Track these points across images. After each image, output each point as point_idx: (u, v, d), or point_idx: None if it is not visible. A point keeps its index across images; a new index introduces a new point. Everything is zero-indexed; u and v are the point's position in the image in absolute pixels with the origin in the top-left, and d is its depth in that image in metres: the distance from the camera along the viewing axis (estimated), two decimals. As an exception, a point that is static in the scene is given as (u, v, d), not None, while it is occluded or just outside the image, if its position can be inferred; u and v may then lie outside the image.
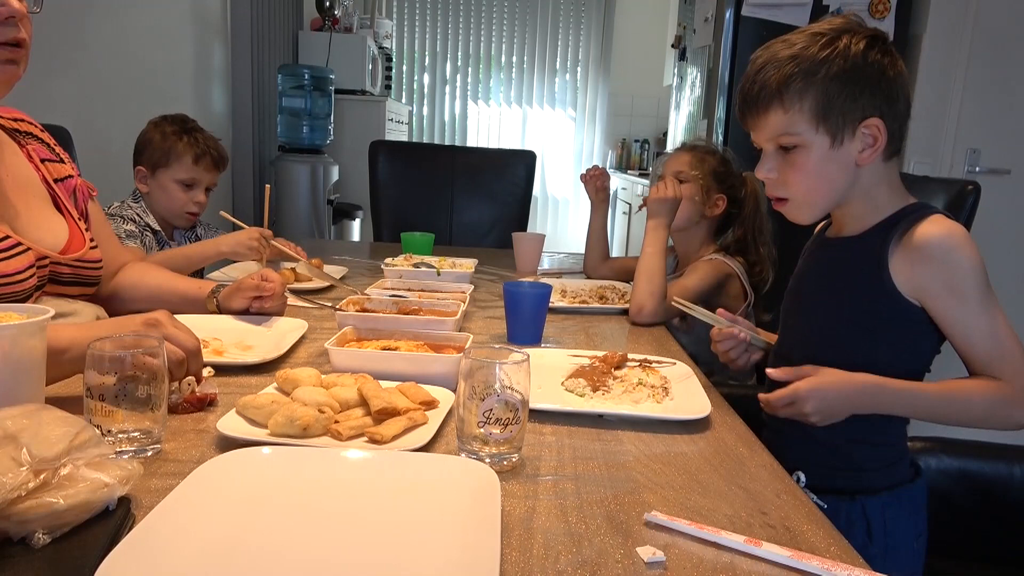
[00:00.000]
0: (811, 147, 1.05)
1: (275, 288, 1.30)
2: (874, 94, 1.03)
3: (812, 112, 1.04)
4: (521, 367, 0.81)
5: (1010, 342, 1.02)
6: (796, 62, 1.04)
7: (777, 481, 0.83)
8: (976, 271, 1.01)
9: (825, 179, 1.07)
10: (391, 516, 0.67)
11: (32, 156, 1.21)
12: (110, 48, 2.55)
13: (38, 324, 0.76)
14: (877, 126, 1.03)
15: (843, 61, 1.03)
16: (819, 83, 1.03)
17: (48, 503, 0.59)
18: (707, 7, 2.90)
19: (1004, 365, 1.01)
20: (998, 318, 1.02)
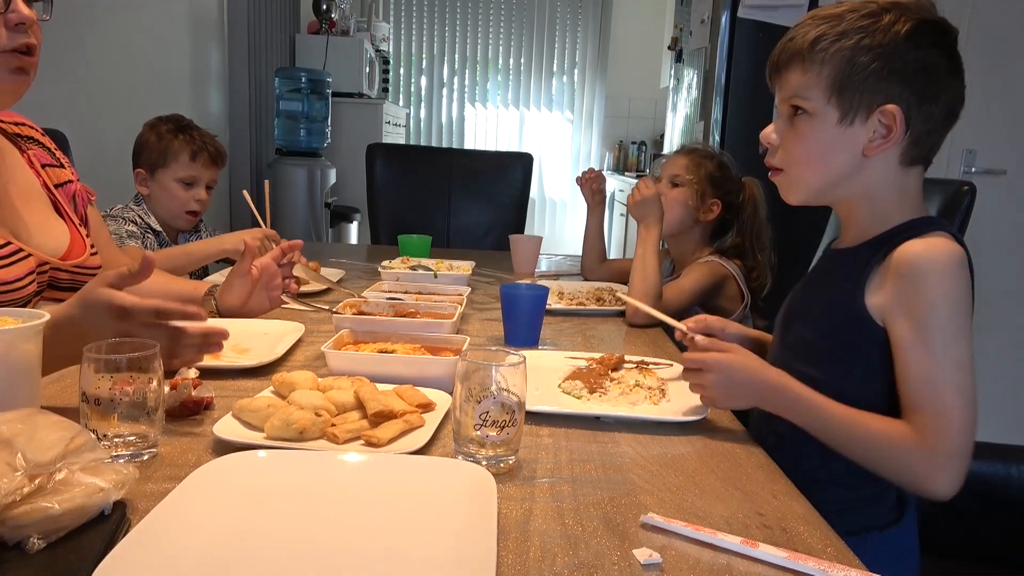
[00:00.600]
0: (817, 117, 0.96)
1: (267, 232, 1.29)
2: (904, 82, 0.93)
3: (830, 79, 0.94)
4: (517, 369, 0.81)
5: (949, 396, 0.87)
6: (831, 23, 0.94)
7: (773, 482, 0.83)
8: (948, 304, 0.89)
9: (822, 156, 0.97)
10: (387, 519, 0.67)
11: (33, 161, 1.21)
12: (107, 51, 2.55)
13: (34, 328, 0.76)
14: (895, 115, 0.93)
15: (881, 36, 0.92)
16: (846, 51, 0.93)
17: (43, 508, 0.59)
18: (703, 9, 2.90)
19: (927, 416, 0.87)
20: (948, 366, 0.88)
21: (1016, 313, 2.82)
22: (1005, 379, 2.86)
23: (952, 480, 0.87)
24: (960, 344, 0.88)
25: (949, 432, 0.86)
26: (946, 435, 0.87)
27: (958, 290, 0.89)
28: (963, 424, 0.87)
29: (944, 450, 0.86)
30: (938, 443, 0.87)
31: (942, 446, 0.86)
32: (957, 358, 0.88)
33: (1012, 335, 2.85)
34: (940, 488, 0.87)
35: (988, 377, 2.72)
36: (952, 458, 0.87)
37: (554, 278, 2.01)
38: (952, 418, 0.87)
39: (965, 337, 0.89)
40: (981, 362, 0.93)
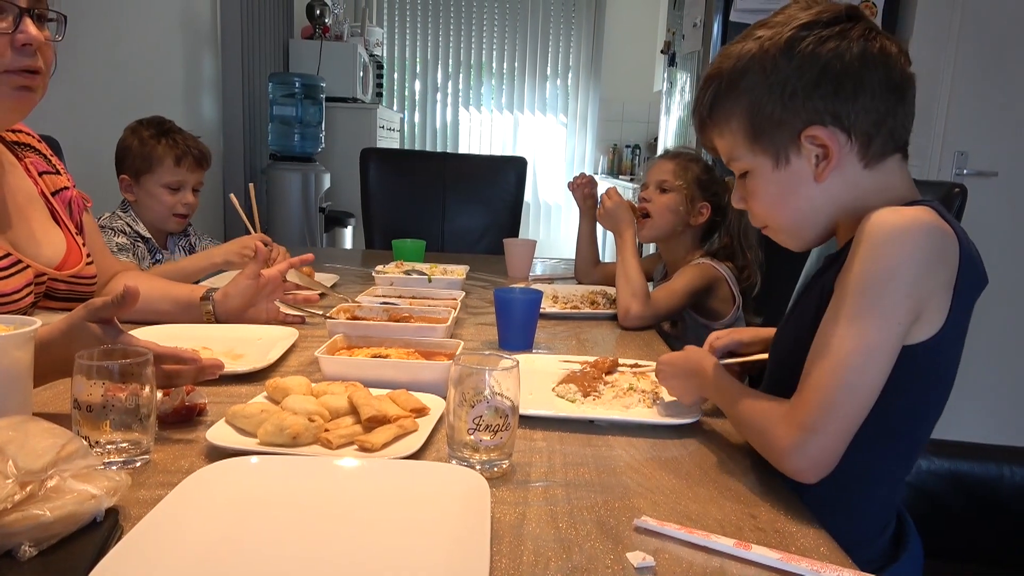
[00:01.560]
0: (756, 172, 0.91)
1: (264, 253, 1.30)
2: (811, 96, 0.84)
3: (743, 132, 0.89)
4: (511, 373, 0.82)
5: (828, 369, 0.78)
6: (720, 76, 0.89)
7: (766, 484, 0.83)
8: (880, 274, 0.78)
9: (781, 203, 0.91)
10: (381, 524, 0.67)
11: (31, 169, 1.20)
12: (99, 57, 2.55)
13: (25, 336, 0.76)
14: (822, 136, 0.85)
15: (763, 63, 0.85)
16: (743, 97, 0.87)
17: (35, 515, 0.58)
18: (695, 13, 2.91)
19: (803, 384, 0.81)
20: (848, 340, 0.78)
21: (1007, 315, 2.84)
22: (995, 380, 2.87)
23: (806, 458, 0.78)
24: (873, 321, 0.78)
25: (814, 404, 0.78)
26: (808, 407, 0.78)
27: (901, 261, 0.78)
28: (834, 402, 0.77)
29: (799, 421, 0.78)
30: (799, 413, 0.79)
31: (804, 418, 0.78)
32: (862, 333, 0.77)
33: (1002, 337, 2.86)
34: (793, 463, 0.79)
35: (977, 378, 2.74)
36: (807, 433, 0.77)
37: (548, 282, 2.01)
38: (821, 392, 0.78)
39: (886, 316, 0.78)
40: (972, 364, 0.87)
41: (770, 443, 0.82)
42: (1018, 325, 2.87)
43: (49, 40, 1.04)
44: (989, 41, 2.80)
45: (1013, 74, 2.81)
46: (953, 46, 2.80)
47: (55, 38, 1.06)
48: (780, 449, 0.80)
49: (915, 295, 0.79)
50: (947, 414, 0.92)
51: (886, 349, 0.78)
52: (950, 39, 2.79)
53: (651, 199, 1.75)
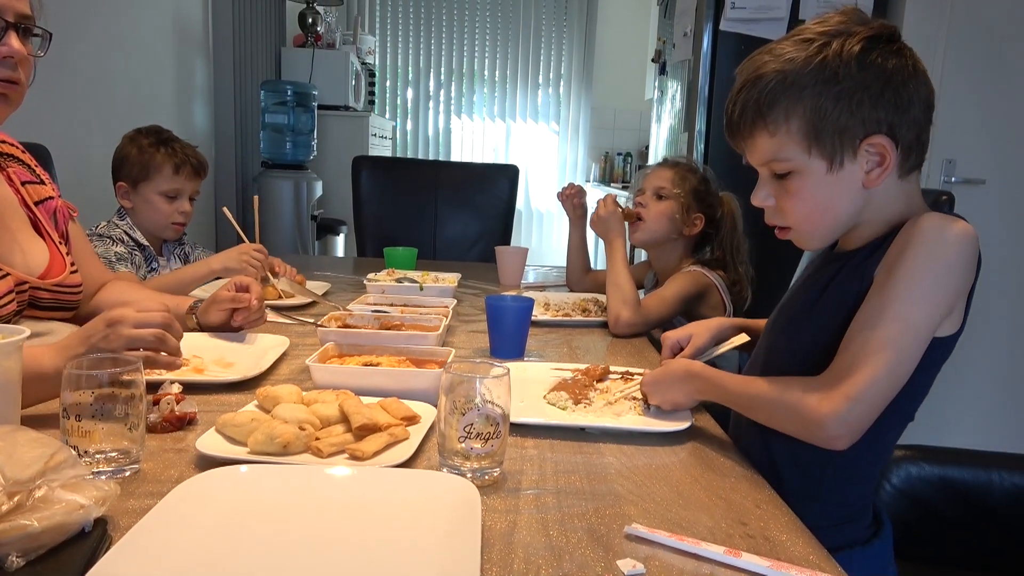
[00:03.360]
0: (806, 173, 0.93)
1: (250, 299, 1.28)
2: (876, 105, 0.89)
3: (801, 134, 0.91)
4: (501, 381, 0.82)
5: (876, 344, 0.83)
6: (779, 77, 0.91)
7: (756, 491, 0.83)
8: (932, 266, 0.85)
9: (826, 206, 0.94)
10: (372, 533, 0.67)
11: (12, 179, 1.20)
12: (91, 65, 2.54)
13: (14, 344, 0.76)
14: (883, 144, 0.90)
15: (835, 71, 0.89)
16: (807, 100, 0.90)
17: (22, 526, 0.58)
18: (686, 22, 2.93)
19: (846, 355, 0.85)
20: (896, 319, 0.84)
21: (995, 323, 2.86)
22: (983, 386, 2.89)
23: (844, 425, 0.83)
24: (919, 307, 0.84)
25: (857, 376, 0.83)
26: (853, 377, 0.83)
27: (951, 262, 0.86)
28: (877, 376, 0.83)
29: (843, 390, 0.83)
30: (841, 381, 0.83)
31: (843, 385, 0.83)
32: (909, 316, 0.84)
33: (991, 344, 2.88)
34: (828, 428, 0.83)
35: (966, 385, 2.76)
36: (848, 401, 0.82)
37: (540, 289, 2.01)
38: (867, 365, 0.83)
39: (930, 305, 0.85)
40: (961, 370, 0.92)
41: (805, 413, 0.86)
42: (1006, 333, 2.89)
43: (31, 55, 1.07)
44: (977, 49, 2.83)
45: (1001, 82, 2.84)
46: (941, 54, 2.83)
47: (37, 53, 1.08)
48: (819, 416, 0.84)
49: (955, 293, 0.88)
50: (936, 420, 0.95)
51: (926, 335, 0.86)
52: (938, 47, 2.82)
53: (647, 204, 1.76)
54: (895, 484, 1.31)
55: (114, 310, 0.96)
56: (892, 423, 0.96)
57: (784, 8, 2.67)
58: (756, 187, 0.99)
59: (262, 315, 1.34)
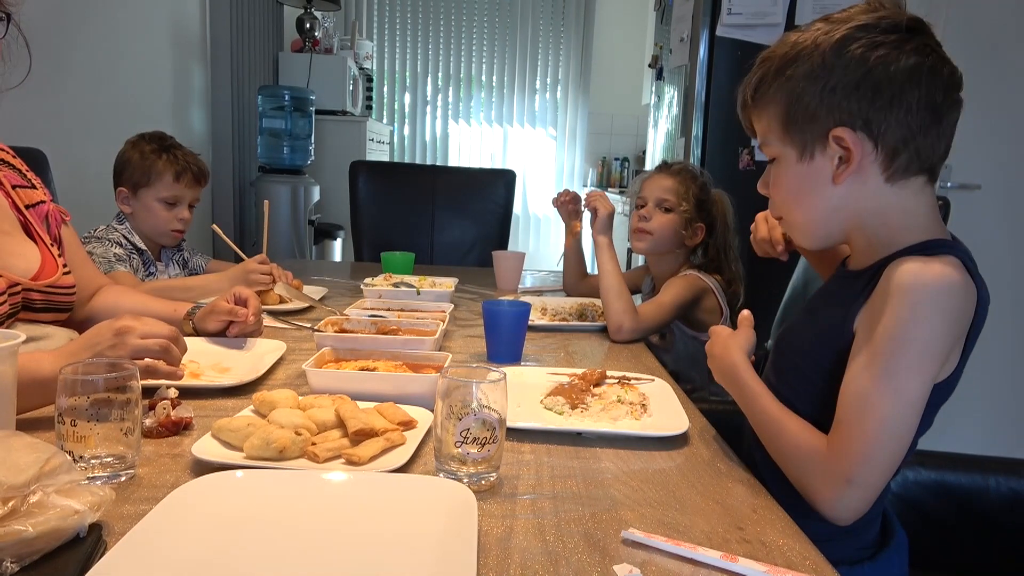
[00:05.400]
0: (782, 160, 0.92)
1: (247, 315, 1.30)
2: (849, 97, 0.85)
3: (778, 119, 0.90)
4: (498, 386, 0.82)
5: (872, 424, 0.80)
6: (771, 60, 0.90)
7: (753, 496, 0.83)
8: (915, 332, 0.80)
9: (799, 199, 0.93)
10: (368, 538, 0.67)
11: (3, 182, 1.20)
12: (88, 70, 2.54)
13: (9, 349, 0.75)
14: (847, 138, 0.86)
15: (813, 56, 0.86)
16: (785, 84, 0.88)
17: (17, 531, 0.58)
18: (682, 28, 2.94)
19: (843, 436, 0.82)
20: (888, 395, 0.80)
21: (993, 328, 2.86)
22: (981, 392, 2.89)
23: (846, 508, 0.82)
24: (911, 378, 0.80)
25: (855, 459, 0.80)
26: (852, 461, 0.81)
27: (934, 321, 0.80)
28: (875, 457, 0.80)
29: (844, 474, 0.81)
30: (841, 466, 0.81)
31: (844, 470, 0.81)
32: (902, 391, 0.80)
33: (989, 350, 2.88)
34: (832, 511, 0.83)
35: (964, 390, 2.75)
36: (851, 486, 0.81)
37: (537, 294, 2.01)
38: (864, 447, 0.80)
39: (921, 373, 0.81)
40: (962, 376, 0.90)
41: (808, 486, 0.85)
42: (1004, 338, 2.90)
43: None
44: (971, 54, 2.84)
45: (995, 87, 2.85)
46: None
47: None
48: (821, 497, 0.83)
49: (947, 349, 0.83)
50: (935, 426, 0.93)
51: (921, 400, 0.82)
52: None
53: (651, 217, 1.75)
54: (892, 489, 1.30)
55: (122, 319, 0.97)
56: None
57: (780, 14, 2.68)
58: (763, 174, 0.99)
59: (259, 327, 1.34)
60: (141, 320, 0.99)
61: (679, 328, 1.71)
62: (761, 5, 2.69)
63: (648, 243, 1.76)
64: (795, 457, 0.87)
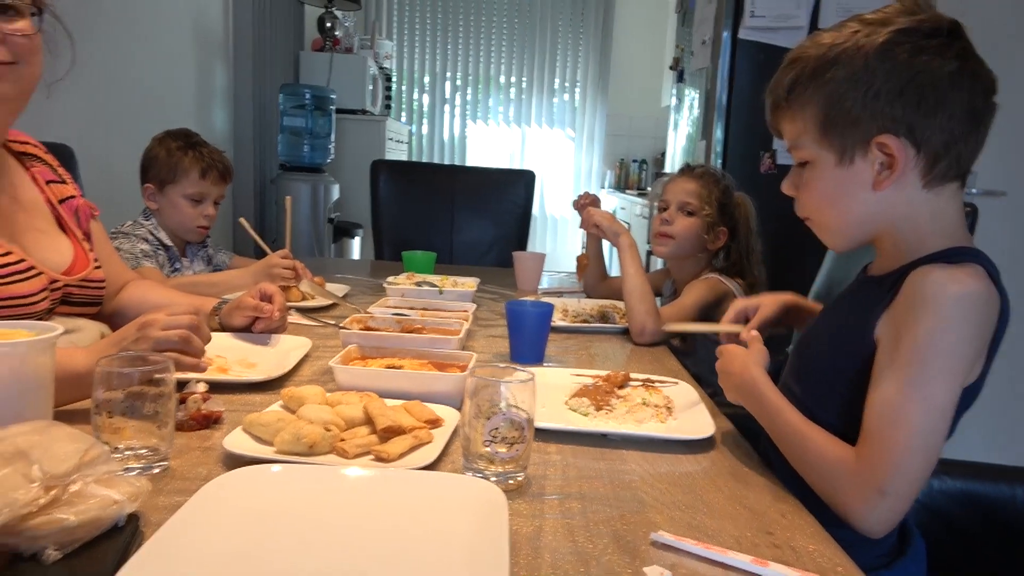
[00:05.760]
0: (817, 163, 0.91)
1: (272, 311, 1.31)
2: (893, 103, 0.84)
3: (815, 122, 0.89)
4: (527, 386, 0.82)
5: (903, 433, 0.79)
6: (805, 61, 0.89)
7: (781, 501, 0.83)
8: (942, 340, 0.80)
9: (834, 202, 0.92)
10: (400, 535, 0.67)
11: (37, 178, 1.22)
12: (113, 67, 2.57)
13: (48, 341, 0.77)
14: (892, 145, 0.85)
15: (854, 59, 0.85)
16: (824, 87, 0.87)
17: (59, 519, 0.59)
18: (705, 30, 2.93)
19: (873, 446, 0.81)
20: (917, 404, 0.79)
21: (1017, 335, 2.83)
22: (1006, 400, 2.86)
23: (878, 519, 0.81)
24: (940, 386, 0.80)
25: (887, 469, 0.79)
26: (883, 471, 0.80)
27: (961, 329, 0.81)
28: (907, 466, 0.79)
29: (875, 485, 0.80)
30: (873, 476, 0.80)
31: (875, 480, 0.80)
32: (931, 399, 0.80)
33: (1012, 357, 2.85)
34: (863, 523, 0.81)
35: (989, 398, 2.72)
36: (883, 496, 0.80)
37: (557, 295, 2.01)
38: (896, 456, 0.79)
39: (950, 380, 0.81)
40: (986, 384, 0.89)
41: (839, 499, 0.83)
42: (1026, 345, 2.86)
43: (15, 34, 1.01)
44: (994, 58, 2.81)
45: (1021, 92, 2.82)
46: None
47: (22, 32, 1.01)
48: (852, 510, 0.82)
49: (974, 356, 0.83)
50: (959, 434, 0.92)
51: (951, 407, 0.82)
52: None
53: (673, 220, 1.74)
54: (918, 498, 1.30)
55: (147, 315, 0.98)
56: None
57: (804, 17, 2.66)
58: (788, 174, 0.98)
59: (283, 323, 1.35)
60: (166, 308, 1.00)
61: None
62: (784, 8, 2.67)
63: (670, 247, 1.76)
64: (823, 470, 0.86)
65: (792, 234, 1.36)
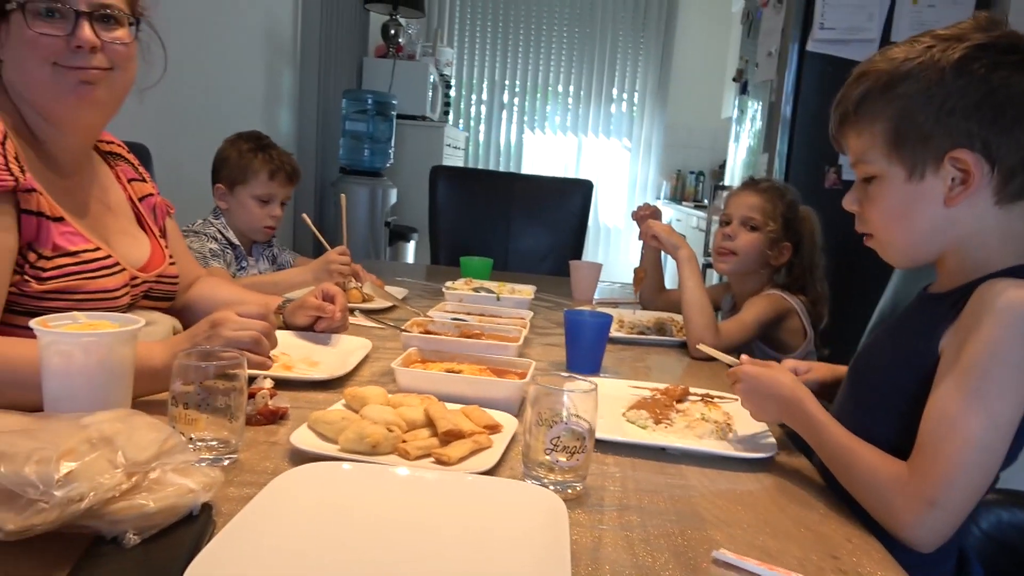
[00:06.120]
0: (885, 178, 0.90)
1: (334, 311, 1.34)
2: (969, 118, 0.83)
3: (885, 137, 0.88)
4: (589, 396, 0.82)
5: (959, 446, 0.77)
6: (876, 76, 0.88)
7: (847, 525, 0.81)
8: (1009, 353, 0.78)
9: (901, 217, 0.90)
10: (463, 538, 0.68)
11: (120, 177, 1.27)
12: (188, 70, 2.66)
13: (131, 333, 0.80)
14: (968, 160, 0.84)
15: (928, 74, 0.84)
16: (896, 102, 0.86)
17: (139, 505, 0.61)
18: (771, 41, 2.89)
19: (927, 456, 0.79)
20: (977, 416, 0.77)
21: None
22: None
23: (929, 531, 0.79)
24: (1001, 399, 0.78)
25: (939, 481, 0.78)
26: (935, 482, 0.78)
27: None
28: (960, 480, 0.78)
29: (927, 496, 0.78)
30: (923, 487, 0.78)
31: (927, 492, 0.78)
32: (990, 411, 0.78)
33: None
34: (913, 535, 0.79)
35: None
36: (933, 508, 0.78)
37: (613, 306, 2.00)
38: (949, 468, 0.77)
39: (1012, 395, 0.78)
40: None
41: (888, 512, 0.81)
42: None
43: (114, 42, 1.05)
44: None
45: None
46: None
47: (120, 41, 1.05)
48: (902, 522, 0.80)
49: None
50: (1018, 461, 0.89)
51: (1012, 424, 0.79)
52: None
53: (736, 236, 1.71)
54: (984, 529, 1.25)
55: (218, 313, 1.01)
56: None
57: (875, 29, 2.60)
58: (850, 190, 0.97)
59: (344, 323, 1.38)
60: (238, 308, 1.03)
61: (760, 348, 1.67)
62: (855, 20, 2.62)
63: (732, 263, 1.72)
64: (872, 484, 0.83)
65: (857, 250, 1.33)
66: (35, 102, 1.04)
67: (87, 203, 1.14)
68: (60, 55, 1.01)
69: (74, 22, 1.01)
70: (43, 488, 0.58)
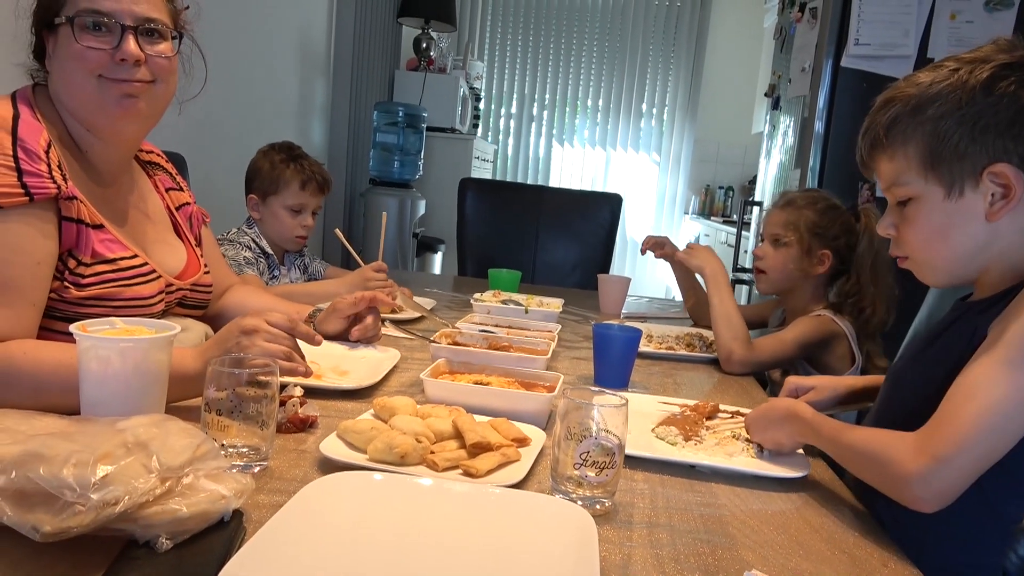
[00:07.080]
0: (922, 199, 0.91)
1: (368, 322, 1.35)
2: (1003, 135, 0.86)
3: (919, 158, 0.90)
4: (619, 411, 0.81)
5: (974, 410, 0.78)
6: (904, 101, 0.90)
7: (883, 549, 0.79)
8: None
9: (941, 236, 0.91)
10: (492, 551, 0.68)
11: (158, 186, 1.30)
12: (223, 81, 2.71)
13: (167, 339, 0.81)
14: (1008, 173, 0.86)
15: (958, 94, 0.87)
16: (927, 124, 0.89)
17: (172, 510, 0.62)
18: (804, 57, 2.86)
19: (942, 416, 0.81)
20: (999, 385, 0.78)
21: None
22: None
23: (928, 488, 0.79)
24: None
25: (948, 436, 0.78)
26: (947, 439, 0.78)
27: None
28: (972, 440, 0.78)
29: (933, 451, 0.78)
30: (934, 443, 0.79)
31: (936, 447, 0.78)
32: (1016, 382, 0.78)
33: None
34: (913, 489, 0.79)
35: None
36: (939, 464, 0.78)
37: (641, 320, 1.99)
38: (964, 428, 0.78)
39: None
40: None
41: (891, 470, 0.82)
42: None
43: (158, 56, 1.07)
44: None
45: None
46: None
47: (164, 55, 1.08)
48: (904, 475, 0.80)
49: None
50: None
51: None
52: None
53: (764, 255, 1.68)
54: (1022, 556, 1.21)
55: (248, 319, 1.01)
56: (1010, 491, 0.88)
57: (912, 46, 2.57)
58: (883, 215, 0.99)
59: (377, 332, 1.39)
60: (266, 316, 1.03)
61: (804, 368, 1.61)
62: (891, 36, 2.59)
63: (766, 283, 1.69)
64: (877, 448, 0.84)
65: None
66: (79, 113, 1.06)
67: (126, 211, 1.16)
68: (105, 68, 1.03)
69: (120, 36, 1.03)
70: (80, 491, 0.58)
